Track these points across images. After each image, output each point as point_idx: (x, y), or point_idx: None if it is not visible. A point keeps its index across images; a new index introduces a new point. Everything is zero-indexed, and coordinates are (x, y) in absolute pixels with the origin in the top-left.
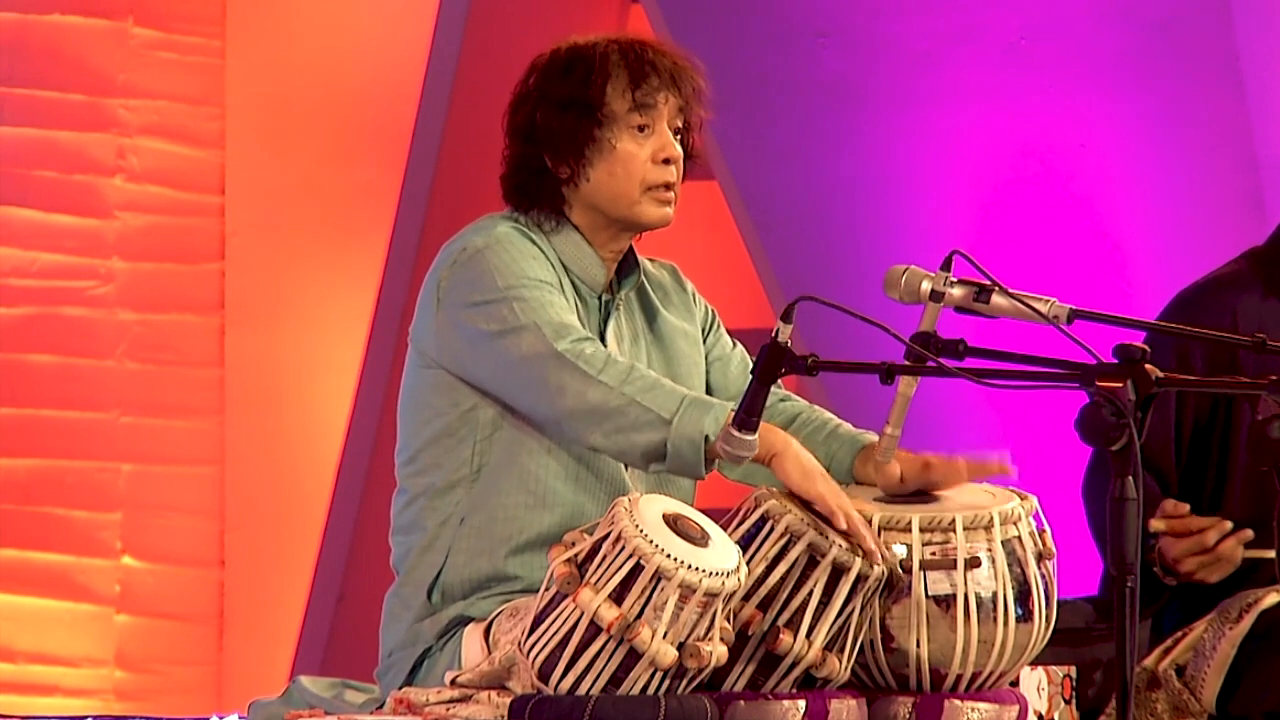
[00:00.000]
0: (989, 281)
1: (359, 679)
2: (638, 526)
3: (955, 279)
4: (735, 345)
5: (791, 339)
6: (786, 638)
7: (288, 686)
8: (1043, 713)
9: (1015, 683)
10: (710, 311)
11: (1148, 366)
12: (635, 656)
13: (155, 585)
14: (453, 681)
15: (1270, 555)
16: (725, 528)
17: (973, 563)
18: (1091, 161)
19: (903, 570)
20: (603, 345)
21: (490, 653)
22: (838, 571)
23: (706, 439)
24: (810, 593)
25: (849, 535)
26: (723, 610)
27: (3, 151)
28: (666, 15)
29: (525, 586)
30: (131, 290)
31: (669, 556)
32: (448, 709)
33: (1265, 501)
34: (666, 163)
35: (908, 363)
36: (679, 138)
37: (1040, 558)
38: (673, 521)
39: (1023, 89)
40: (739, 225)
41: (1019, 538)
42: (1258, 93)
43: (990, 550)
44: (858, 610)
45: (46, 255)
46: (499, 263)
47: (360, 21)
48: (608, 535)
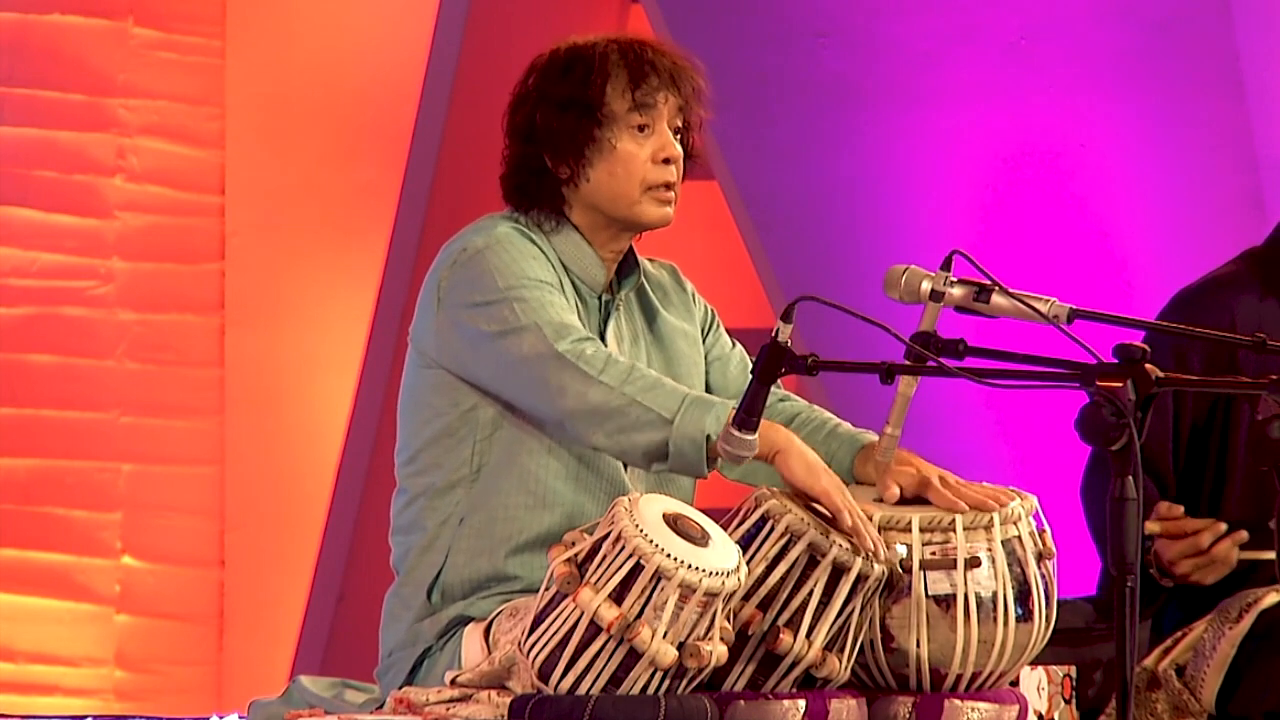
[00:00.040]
0: (989, 281)
1: (359, 679)
2: (638, 526)
3: (955, 279)
4: (735, 345)
5: (791, 339)
6: (786, 637)
7: (288, 686)
8: (1043, 712)
9: (1015, 683)
10: (710, 311)
11: (1148, 366)
12: (635, 656)
13: (155, 585)
14: (453, 681)
15: (1268, 556)
16: (725, 528)
17: (973, 563)
18: (1091, 161)
19: (903, 570)
20: (603, 345)
21: (490, 653)
22: (838, 571)
23: (708, 438)
24: (810, 593)
25: (850, 533)
26: (723, 610)
27: (3, 151)
28: (666, 15)
29: (525, 586)
30: (131, 290)
31: (669, 556)
32: (448, 709)
33: (1264, 502)
34: (666, 162)
35: (908, 362)
36: (679, 137)
37: (1040, 558)
38: (673, 521)
39: (1023, 89)
40: (739, 225)
41: (1019, 538)
42: (1258, 93)
43: (990, 550)
44: (858, 610)
45: (46, 255)
46: (499, 263)
47: (360, 21)
48: (608, 535)
